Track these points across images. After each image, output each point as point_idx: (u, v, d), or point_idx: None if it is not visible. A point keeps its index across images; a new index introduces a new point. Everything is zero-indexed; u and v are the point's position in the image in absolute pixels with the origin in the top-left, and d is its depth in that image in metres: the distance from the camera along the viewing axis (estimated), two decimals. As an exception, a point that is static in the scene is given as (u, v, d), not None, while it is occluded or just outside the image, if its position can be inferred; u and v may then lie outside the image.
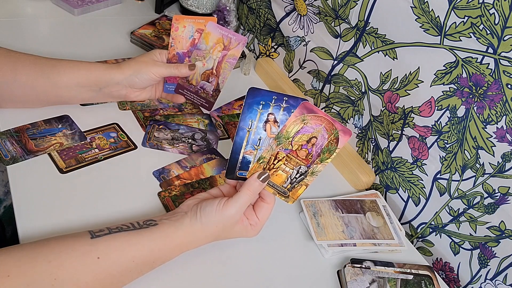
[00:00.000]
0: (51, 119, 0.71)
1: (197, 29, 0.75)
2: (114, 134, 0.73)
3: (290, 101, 0.54)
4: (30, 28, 0.92)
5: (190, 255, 0.60)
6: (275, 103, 0.55)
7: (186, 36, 0.75)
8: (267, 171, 0.53)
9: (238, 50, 0.75)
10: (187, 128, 0.78)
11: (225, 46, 0.74)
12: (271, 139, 0.54)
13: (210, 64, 0.76)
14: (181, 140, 0.76)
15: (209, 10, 1.11)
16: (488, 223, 0.64)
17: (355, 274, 0.61)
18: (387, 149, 0.76)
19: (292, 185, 0.53)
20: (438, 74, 0.64)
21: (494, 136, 0.60)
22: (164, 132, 0.76)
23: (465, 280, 0.69)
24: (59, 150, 0.67)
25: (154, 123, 0.77)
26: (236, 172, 0.57)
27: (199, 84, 0.76)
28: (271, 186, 0.55)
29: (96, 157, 0.68)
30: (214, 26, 0.74)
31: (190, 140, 0.76)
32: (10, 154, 0.64)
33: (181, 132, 0.77)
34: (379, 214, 0.71)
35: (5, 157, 0.64)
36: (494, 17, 0.55)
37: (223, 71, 0.76)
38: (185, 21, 0.74)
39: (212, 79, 0.76)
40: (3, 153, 0.64)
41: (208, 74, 0.76)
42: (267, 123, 0.55)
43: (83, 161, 0.66)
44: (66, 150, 0.67)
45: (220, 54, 0.75)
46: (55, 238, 0.49)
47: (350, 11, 0.75)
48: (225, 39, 0.74)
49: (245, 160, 0.57)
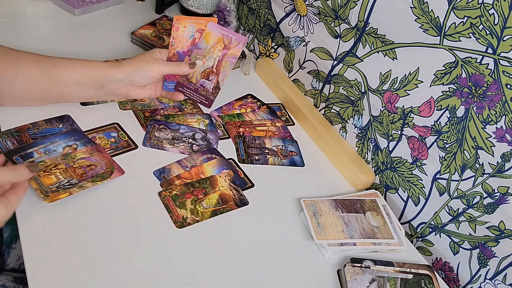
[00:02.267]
0: (52, 118, 0.71)
1: (198, 29, 0.75)
2: (115, 134, 0.73)
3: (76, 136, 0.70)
4: (30, 28, 0.93)
5: (190, 255, 0.60)
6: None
7: (186, 36, 0.75)
8: (37, 165, 0.59)
9: (238, 49, 0.75)
10: (188, 128, 0.78)
11: (225, 45, 0.75)
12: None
13: (210, 63, 0.76)
14: (181, 140, 0.76)
15: (210, 10, 1.11)
16: (488, 223, 0.64)
17: (355, 274, 0.62)
18: (386, 149, 0.76)
19: (58, 189, 0.61)
20: (438, 74, 0.65)
21: (494, 136, 0.60)
22: (165, 132, 0.76)
23: (465, 280, 0.69)
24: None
25: (155, 123, 0.77)
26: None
27: (199, 82, 0.77)
28: (37, 183, 0.61)
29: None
30: (214, 26, 0.74)
31: (191, 140, 0.76)
32: None
33: (181, 132, 0.77)
34: (379, 213, 0.71)
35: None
36: (494, 18, 0.56)
37: (223, 69, 0.76)
38: (186, 21, 0.75)
39: (212, 77, 0.76)
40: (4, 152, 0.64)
41: (208, 73, 0.76)
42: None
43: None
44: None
45: (220, 53, 0.75)
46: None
47: (350, 12, 0.75)
48: (225, 38, 0.75)
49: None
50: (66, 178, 0.63)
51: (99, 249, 0.57)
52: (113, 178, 0.66)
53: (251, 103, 0.91)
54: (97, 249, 0.57)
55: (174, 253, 0.59)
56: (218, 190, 0.69)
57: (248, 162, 0.77)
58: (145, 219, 0.62)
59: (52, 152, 0.66)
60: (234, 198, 0.69)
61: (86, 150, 0.68)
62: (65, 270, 0.54)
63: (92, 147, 0.69)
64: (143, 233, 0.61)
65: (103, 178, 0.65)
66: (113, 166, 0.67)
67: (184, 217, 0.64)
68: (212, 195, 0.68)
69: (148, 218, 0.62)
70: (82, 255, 0.56)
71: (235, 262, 0.61)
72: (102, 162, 0.67)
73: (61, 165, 0.65)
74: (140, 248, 0.59)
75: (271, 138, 0.84)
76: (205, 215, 0.65)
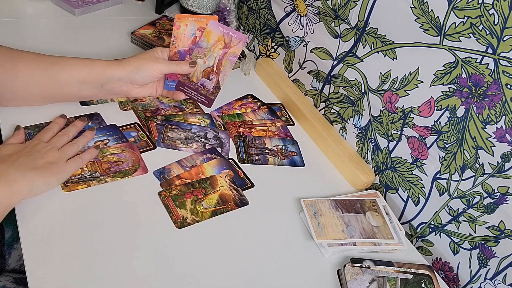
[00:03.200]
0: (82, 116, 0.73)
1: (199, 27, 0.75)
2: (135, 134, 0.74)
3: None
4: (30, 28, 0.93)
5: (190, 255, 0.60)
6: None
7: (187, 34, 0.75)
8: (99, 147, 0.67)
9: (239, 48, 0.76)
10: (199, 127, 0.79)
11: (226, 44, 0.75)
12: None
13: (211, 62, 0.76)
14: (194, 140, 0.76)
15: (210, 10, 1.11)
16: (488, 223, 0.64)
17: (355, 274, 0.62)
18: (386, 149, 0.76)
19: (79, 181, 0.63)
20: (438, 74, 0.65)
21: (494, 136, 0.60)
22: (177, 132, 0.76)
23: (465, 280, 0.69)
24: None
25: (167, 123, 0.77)
26: None
27: (200, 81, 0.77)
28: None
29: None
30: (215, 25, 0.75)
31: (203, 139, 0.76)
32: None
33: (193, 132, 0.78)
34: (379, 213, 0.71)
35: None
36: (494, 18, 0.55)
37: (224, 68, 0.76)
38: (187, 19, 0.75)
39: (213, 77, 0.77)
40: None
41: (208, 72, 0.76)
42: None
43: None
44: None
45: (221, 51, 0.76)
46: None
47: (350, 12, 0.75)
48: (226, 37, 0.75)
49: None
50: (90, 171, 0.65)
51: (99, 249, 0.57)
52: (135, 176, 0.67)
53: (251, 103, 0.91)
54: (97, 249, 0.57)
55: (174, 253, 0.59)
56: (218, 190, 0.69)
57: (248, 162, 0.77)
58: (145, 219, 0.62)
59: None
60: (234, 198, 0.69)
61: (119, 146, 0.70)
62: (65, 270, 0.54)
63: (126, 144, 0.71)
64: (143, 233, 0.61)
65: (125, 175, 0.66)
66: (139, 164, 0.68)
67: (184, 217, 0.64)
68: (212, 195, 0.68)
69: (148, 218, 0.63)
70: (82, 255, 0.56)
71: (235, 262, 0.61)
72: (130, 159, 0.68)
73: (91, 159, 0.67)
74: (140, 248, 0.59)
75: (271, 138, 0.84)
76: (205, 215, 0.65)
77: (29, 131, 0.68)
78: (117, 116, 0.76)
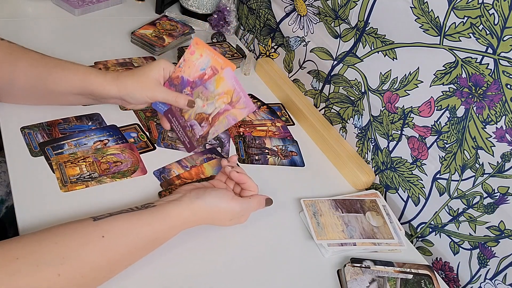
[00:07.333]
0: (83, 116, 0.74)
1: (212, 65, 0.70)
2: (135, 134, 0.74)
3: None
4: (30, 28, 0.93)
5: (190, 255, 0.60)
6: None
7: (198, 66, 0.70)
8: (271, 200, 0.66)
9: (242, 114, 0.70)
10: None
11: (232, 101, 0.70)
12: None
13: (209, 109, 0.70)
14: None
15: (209, 10, 1.11)
16: (488, 223, 0.64)
17: (355, 274, 0.62)
18: (386, 149, 0.76)
19: (77, 181, 0.63)
20: (438, 74, 0.65)
21: (494, 136, 0.60)
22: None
23: (465, 280, 0.69)
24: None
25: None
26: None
27: (190, 121, 0.71)
28: (61, 173, 0.64)
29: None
30: (230, 75, 0.69)
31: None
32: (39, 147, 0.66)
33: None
34: (379, 213, 0.71)
35: (35, 148, 0.65)
36: (494, 18, 0.56)
37: (219, 124, 0.71)
38: (204, 50, 0.69)
39: (205, 125, 0.71)
40: (33, 145, 0.66)
41: (203, 118, 0.71)
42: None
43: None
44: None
45: (223, 106, 0.70)
46: (59, 225, 0.50)
47: (350, 12, 0.75)
48: (235, 94, 0.69)
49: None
50: (89, 171, 0.65)
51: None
52: (134, 177, 0.67)
53: (251, 103, 0.91)
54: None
55: (173, 253, 0.59)
56: (218, 190, 0.69)
57: (248, 162, 0.77)
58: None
59: (82, 145, 0.68)
60: (234, 198, 0.69)
61: (118, 147, 0.70)
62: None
63: (125, 145, 0.71)
64: (143, 233, 0.61)
65: (124, 175, 0.66)
66: (138, 165, 0.68)
67: (184, 217, 0.64)
68: (212, 195, 0.68)
69: (148, 218, 0.62)
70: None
71: (235, 262, 0.61)
72: (129, 160, 0.68)
73: (90, 158, 0.67)
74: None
75: (271, 138, 0.84)
76: (205, 215, 0.65)
77: (29, 131, 0.68)
78: (117, 116, 0.76)
